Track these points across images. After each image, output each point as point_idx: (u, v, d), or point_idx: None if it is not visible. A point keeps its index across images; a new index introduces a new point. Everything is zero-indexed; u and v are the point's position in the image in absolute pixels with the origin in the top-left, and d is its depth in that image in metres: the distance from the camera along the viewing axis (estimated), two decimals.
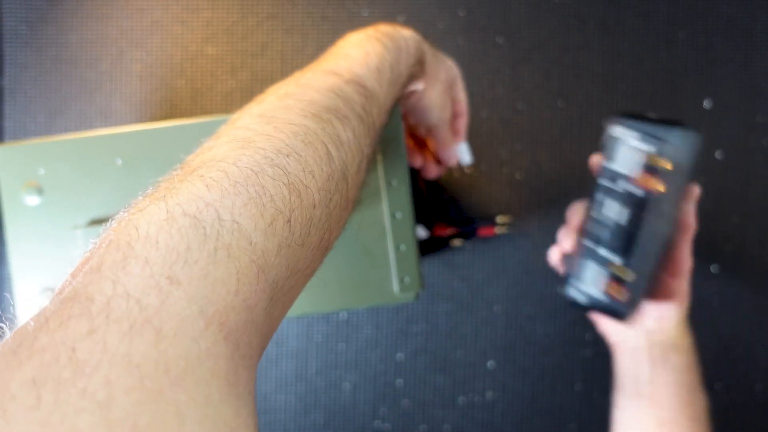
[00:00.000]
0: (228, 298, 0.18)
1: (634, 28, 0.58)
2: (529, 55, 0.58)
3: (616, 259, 0.38)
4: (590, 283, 0.40)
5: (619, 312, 0.39)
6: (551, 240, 0.52)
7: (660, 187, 0.35)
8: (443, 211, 0.56)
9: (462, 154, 0.50)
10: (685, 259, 0.42)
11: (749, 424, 0.59)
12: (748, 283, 0.59)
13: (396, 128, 0.40)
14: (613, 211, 0.38)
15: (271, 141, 0.23)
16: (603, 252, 0.39)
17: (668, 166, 0.35)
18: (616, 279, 0.38)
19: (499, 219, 0.57)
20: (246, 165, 0.21)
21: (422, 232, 0.55)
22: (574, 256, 0.42)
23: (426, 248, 0.56)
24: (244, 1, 0.57)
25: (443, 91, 0.41)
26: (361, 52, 0.31)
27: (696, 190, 0.41)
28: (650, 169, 0.35)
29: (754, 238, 0.58)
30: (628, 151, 0.36)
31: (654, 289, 0.42)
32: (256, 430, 0.19)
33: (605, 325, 0.47)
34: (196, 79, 0.57)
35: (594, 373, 0.58)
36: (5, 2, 0.56)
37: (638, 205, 0.36)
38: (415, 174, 0.55)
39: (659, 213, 0.36)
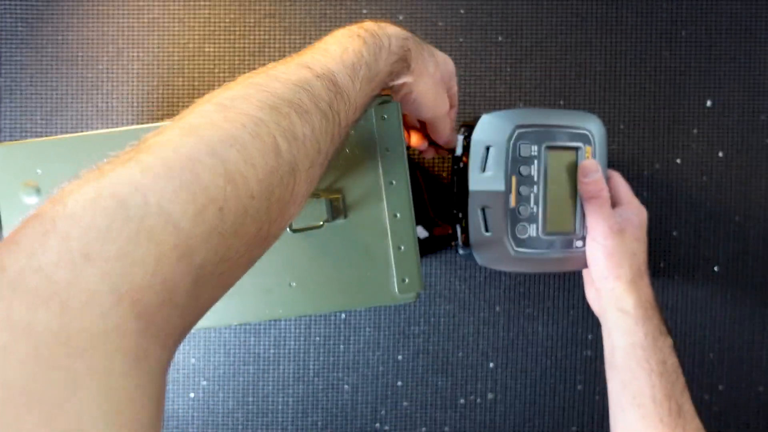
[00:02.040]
0: (145, 278, 0.19)
1: (636, 26, 0.58)
2: (529, 54, 0.58)
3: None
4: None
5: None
6: None
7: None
8: (444, 211, 0.56)
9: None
10: (591, 222, 0.46)
11: (751, 425, 0.59)
12: (751, 282, 0.58)
13: (396, 128, 0.40)
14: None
15: (216, 130, 0.23)
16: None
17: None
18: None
19: None
20: (184, 152, 0.22)
21: (422, 232, 0.54)
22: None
23: (426, 248, 0.55)
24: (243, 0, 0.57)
25: (434, 86, 0.41)
26: (339, 48, 0.32)
27: (584, 166, 0.47)
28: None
29: (756, 237, 0.58)
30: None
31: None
32: (159, 405, 0.20)
33: (589, 299, 0.51)
34: (194, 78, 0.57)
35: (595, 374, 0.58)
36: (2, 1, 0.56)
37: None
38: (415, 174, 0.54)
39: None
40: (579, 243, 0.48)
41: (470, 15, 0.57)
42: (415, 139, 0.49)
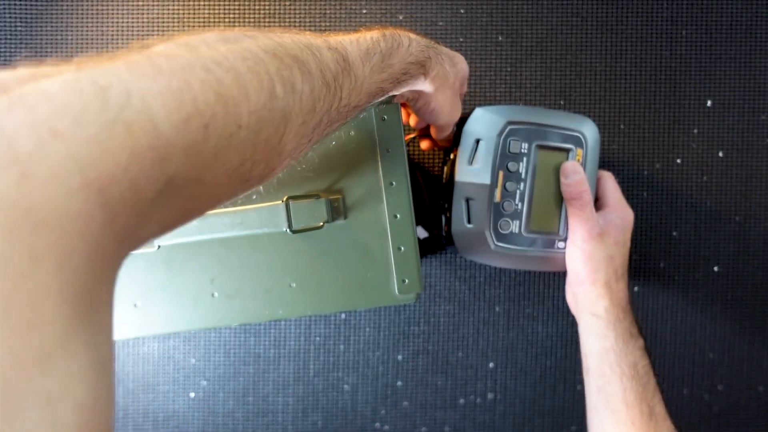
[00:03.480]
0: (116, 170, 0.17)
1: (636, 26, 0.58)
2: (530, 54, 0.58)
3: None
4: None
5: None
6: None
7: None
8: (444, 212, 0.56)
9: None
10: (572, 224, 0.46)
11: (751, 425, 0.59)
12: (751, 282, 0.58)
13: (396, 129, 0.40)
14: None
15: (215, 53, 0.22)
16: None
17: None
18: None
19: None
20: (179, 62, 0.20)
21: (422, 233, 0.54)
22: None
23: (426, 248, 0.55)
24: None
25: (452, 96, 0.41)
26: (357, 34, 0.33)
27: (565, 167, 0.47)
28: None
29: (756, 237, 0.58)
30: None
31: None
32: (111, 308, 0.18)
33: (568, 300, 0.51)
34: None
35: None
36: (2, 0, 0.56)
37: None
38: (415, 174, 0.54)
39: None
40: (561, 244, 0.48)
41: (470, 15, 0.57)
42: (413, 121, 0.49)
